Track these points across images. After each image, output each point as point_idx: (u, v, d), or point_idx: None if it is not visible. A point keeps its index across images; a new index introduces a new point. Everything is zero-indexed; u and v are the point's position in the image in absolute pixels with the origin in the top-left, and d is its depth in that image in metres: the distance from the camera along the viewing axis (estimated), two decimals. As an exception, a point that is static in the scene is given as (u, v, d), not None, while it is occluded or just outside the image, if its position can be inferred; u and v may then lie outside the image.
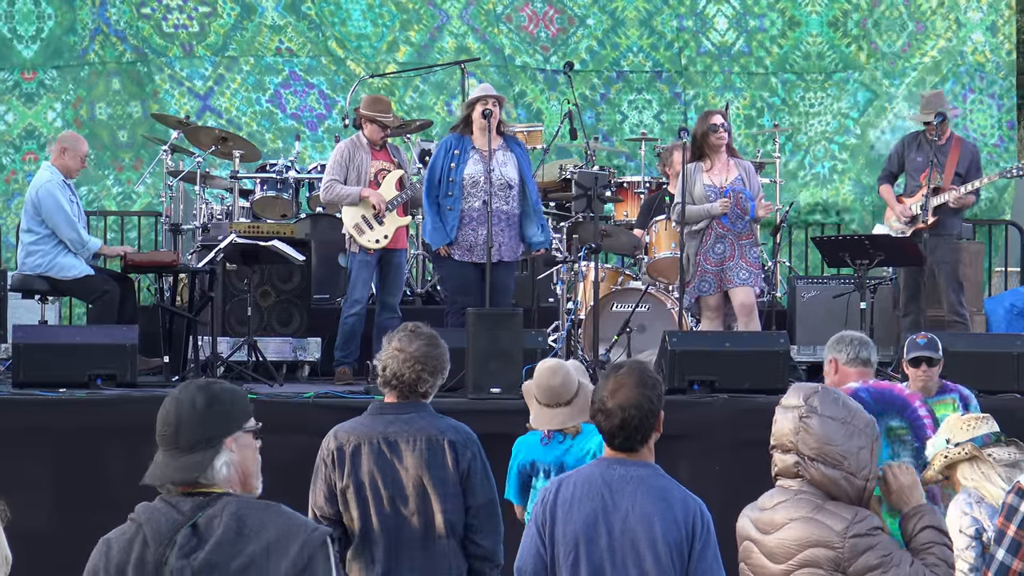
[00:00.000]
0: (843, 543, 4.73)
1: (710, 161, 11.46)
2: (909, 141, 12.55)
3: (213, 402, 4.15)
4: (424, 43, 15.51)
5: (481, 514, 6.14)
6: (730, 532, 7.53)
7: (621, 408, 5.00)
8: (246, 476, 4.23)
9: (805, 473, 4.80)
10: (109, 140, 14.92)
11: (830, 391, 4.92)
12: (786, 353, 10.81)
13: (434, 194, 11.26)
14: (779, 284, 13.47)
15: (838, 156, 15.86)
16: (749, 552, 4.96)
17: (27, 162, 14.75)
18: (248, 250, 11.43)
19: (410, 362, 6.06)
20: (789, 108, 15.77)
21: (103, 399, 10.32)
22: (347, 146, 11.71)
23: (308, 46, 15.28)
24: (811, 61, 15.88)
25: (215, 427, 4.15)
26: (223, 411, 4.16)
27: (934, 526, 4.88)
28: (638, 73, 15.78)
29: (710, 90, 15.80)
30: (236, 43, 15.18)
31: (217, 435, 4.14)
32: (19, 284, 11.71)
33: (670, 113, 15.76)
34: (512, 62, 15.48)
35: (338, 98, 15.02)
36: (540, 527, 5.13)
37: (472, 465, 6.11)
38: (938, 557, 4.80)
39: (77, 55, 14.87)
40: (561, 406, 7.05)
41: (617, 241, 12.50)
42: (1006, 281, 15.57)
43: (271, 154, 14.25)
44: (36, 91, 14.84)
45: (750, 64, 15.86)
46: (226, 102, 15.14)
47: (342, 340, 11.64)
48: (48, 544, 9.74)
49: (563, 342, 11.64)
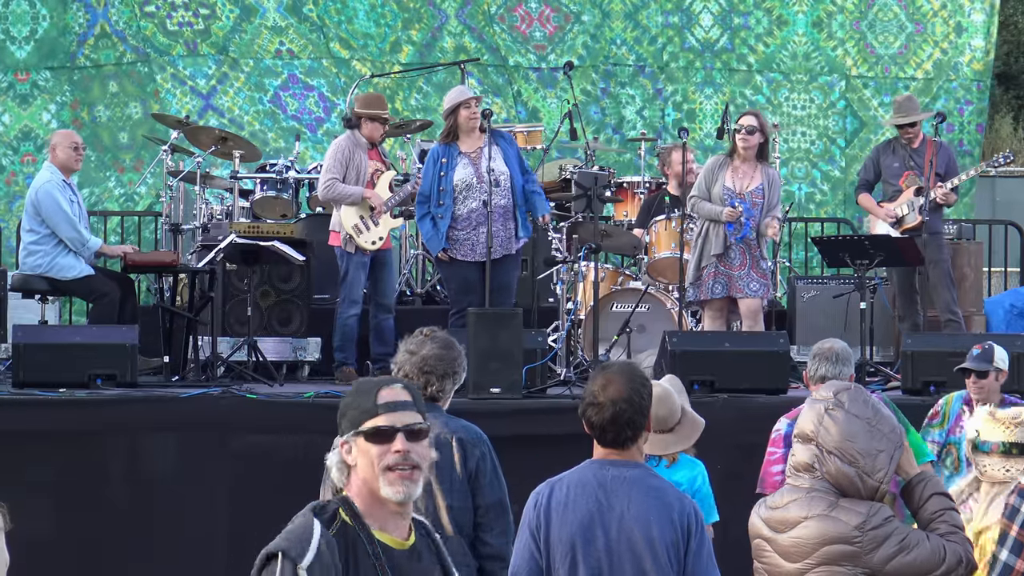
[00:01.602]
0: (862, 537, 4.76)
1: (737, 161, 11.34)
2: (883, 148, 12.61)
3: None
4: (426, 42, 15.48)
5: (490, 513, 6.16)
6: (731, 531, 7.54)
7: (612, 402, 4.99)
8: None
9: (820, 466, 4.83)
10: (110, 142, 14.90)
11: (863, 391, 4.95)
12: (786, 353, 10.82)
13: (426, 205, 11.29)
14: (779, 284, 13.46)
15: (819, 185, 15.72)
16: (762, 551, 4.98)
17: (26, 164, 14.73)
18: (248, 250, 11.43)
19: (419, 364, 6.14)
20: (773, 107, 15.70)
21: (103, 399, 10.32)
22: (347, 144, 11.69)
23: (309, 48, 15.24)
24: (797, 61, 15.82)
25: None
26: None
27: (939, 492, 4.93)
28: (621, 67, 15.77)
29: (690, 86, 15.72)
30: (235, 45, 15.16)
31: None
32: (19, 284, 11.71)
33: (652, 109, 15.69)
34: (505, 63, 15.47)
35: (338, 101, 15.00)
36: (534, 531, 5.11)
37: (481, 465, 6.14)
38: (950, 524, 4.88)
39: (68, 57, 14.86)
40: (664, 432, 6.92)
41: (617, 241, 12.50)
42: (1006, 281, 15.58)
43: (272, 154, 14.24)
44: (30, 92, 14.79)
45: (731, 60, 15.79)
46: (228, 101, 15.10)
47: (342, 341, 11.64)
48: (48, 544, 9.75)
49: (563, 342, 11.65)
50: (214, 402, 10.39)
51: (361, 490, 3.95)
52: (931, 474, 5.03)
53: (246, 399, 10.40)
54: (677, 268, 11.55)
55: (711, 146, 15.21)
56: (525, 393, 10.46)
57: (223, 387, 10.64)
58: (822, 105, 15.78)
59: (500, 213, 11.23)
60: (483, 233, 11.16)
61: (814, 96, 15.79)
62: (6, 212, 14.71)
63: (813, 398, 4.97)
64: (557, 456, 6.32)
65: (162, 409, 10.34)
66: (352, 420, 3.97)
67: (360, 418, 3.95)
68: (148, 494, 10.15)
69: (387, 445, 3.91)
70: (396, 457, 3.91)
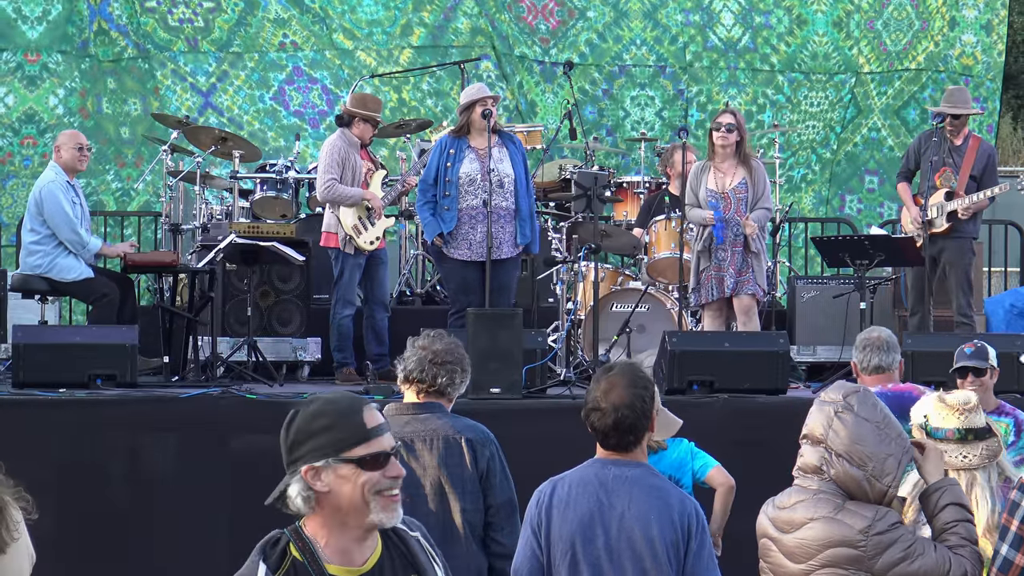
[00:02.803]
0: (866, 541, 4.75)
1: (718, 160, 11.39)
2: (926, 139, 12.30)
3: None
4: (438, 24, 15.30)
5: (501, 513, 6.20)
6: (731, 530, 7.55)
7: (615, 408, 5.02)
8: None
9: (829, 468, 4.82)
10: (114, 135, 14.86)
11: (871, 394, 4.94)
12: (786, 353, 10.81)
13: (429, 194, 11.26)
14: (779, 284, 13.45)
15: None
16: (768, 550, 4.97)
17: (25, 146, 14.62)
18: (248, 250, 11.43)
19: (431, 358, 6.19)
20: (792, 106, 15.74)
21: (103, 399, 10.32)
22: (341, 143, 11.69)
23: (312, 40, 15.17)
24: (818, 61, 15.84)
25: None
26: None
27: (957, 503, 4.90)
28: (641, 67, 15.69)
29: (715, 86, 15.71)
30: (240, 39, 15.10)
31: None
32: (19, 284, 11.71)
33: (672, 110, 15.68)
34: (511, 52, 15.40)
35: (341, 94, 14.92)
36: (536, 528, 5.13)
37: (491, 464, 6.18)
38: (962, 537, 4.83)
39: (78, 46, 14.79)
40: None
41: (617, 241, 12.50)
42: (1006, 281, 15.57)
43: (272, 153, 14.23)
44: (39, 74, 14.61)
45: (755, 60, 15.79)
46: (228, 99, 15.06)
47: (340, 341, 11.64)
48: (48, 545, 9.74)
49: (563, 342, 11.64)
50: (214, 402, 10.39)
51: (331, 518, 3.79)
52: (950, 482, 5.00)
53: (246, 399, 10.39)
54: (677, 268, 11.55)
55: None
56: (525, 393, 10.46)
57: (223, 387, 10.64)
58: (833, 101, 15.85)
59: (502, 214, 11.21)
60: (481, 232, 11.14)
61: (828, 94, 15.85)
62: (0, 191, 14.65)
63: (822, 400, 4.95)
64: (557, 456, 6.32)
65: (162, 409, 10.33)
66: (331, 445, 3.77)
67: (345, 444, 3.76)
68: (148, 494, 10.15)
69: (381, 471, 3.77)
70: (390, 482, 3.79)
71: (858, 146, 15.97)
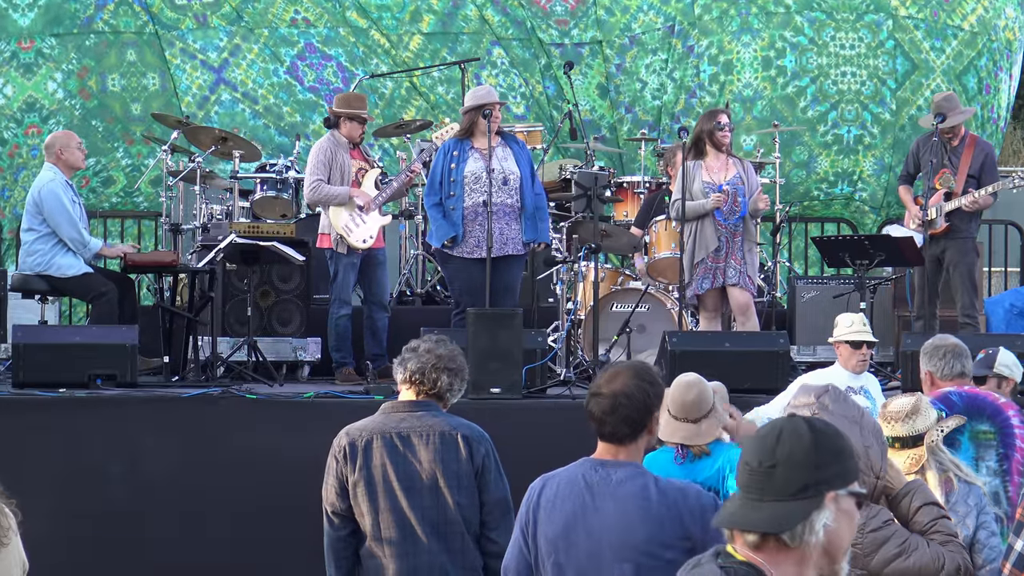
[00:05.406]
0: (861, 539, 4.76)
1: (710, 159, 11.46)
2: (923, 142, 12.29)
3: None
4: (447, 11, 15.10)
5: (496, 511, 6.24)
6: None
7: (614, 394, 4.91)
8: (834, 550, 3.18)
9: None
10: (121, 112, 14.73)
11: (839, 390, 4.94)
12: (786, 353, 10.81)
13: (436, 196, 11.26)
14: (779, 284, 13.45)
15: (868, 127, 15.12)
16: None
17: (30, 135, 14.53)
18: (248, 250, 11.44)
19: (434, 360, 6.21)
20: (818, 48, 15.05)
21: (103, 399, 10.32)
22: (328, 145, 11.72)
23: (325, 17, 15.01)
24: (840, 0, 15.07)
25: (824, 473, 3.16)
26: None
27: (930, 502, 4.93)
28: (650, 32, 15.16)
29: (726, 35, 15.06)
30: (248, 15, 14.94)
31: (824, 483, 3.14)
32: (19, 284, 11.72)
33: (683, 68, 15.10)
34: (533, 34, 15.16)
35: (357, 71, 14.74)
36: (524, 527, 5.10)
37: (486, 461, 6.23)
38: (945, 534, 4.88)
39: (81, 22, 14.65)
40: (689, 422, 6.90)
41: (617, 241, 12.50)
42: (1006, 281, 15.56)
43: (272, 153, 14.20)
44: (34, 61, 14.48)
45: (768, 3, 15.10)
46: (241, 74, 14.87)
47: (337, 341, 11.66)
48: (48, 545, 9.74)
49: (563, 342, 11.64)
50: (214, 402, 10.40)
51: (815, 560, 3.13)
52: (918, 484, 5.02)
53: (246, 399, 10.40)
54: (677, 268, 11.55)
55: (749, 96, 15.04)
56: (525, 393, 10.46)
57: (223, 387, 10.64)
58: (871, 44, 15.12)
59: (507, 212, 11.21)
60: (486, 229, 11.13)
61: (863, 35, 15.11)
62: (12, 184, 14.58)
63: (794, 406, 4.90)
64: (557, 457, 6.31)
65: (162, 409, 10.34)
66: (853, 472, 3.17)
67: (854, 473, 3.19)
68: (148, 494, 10.15)
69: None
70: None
71: (922, 110, 14.68)
